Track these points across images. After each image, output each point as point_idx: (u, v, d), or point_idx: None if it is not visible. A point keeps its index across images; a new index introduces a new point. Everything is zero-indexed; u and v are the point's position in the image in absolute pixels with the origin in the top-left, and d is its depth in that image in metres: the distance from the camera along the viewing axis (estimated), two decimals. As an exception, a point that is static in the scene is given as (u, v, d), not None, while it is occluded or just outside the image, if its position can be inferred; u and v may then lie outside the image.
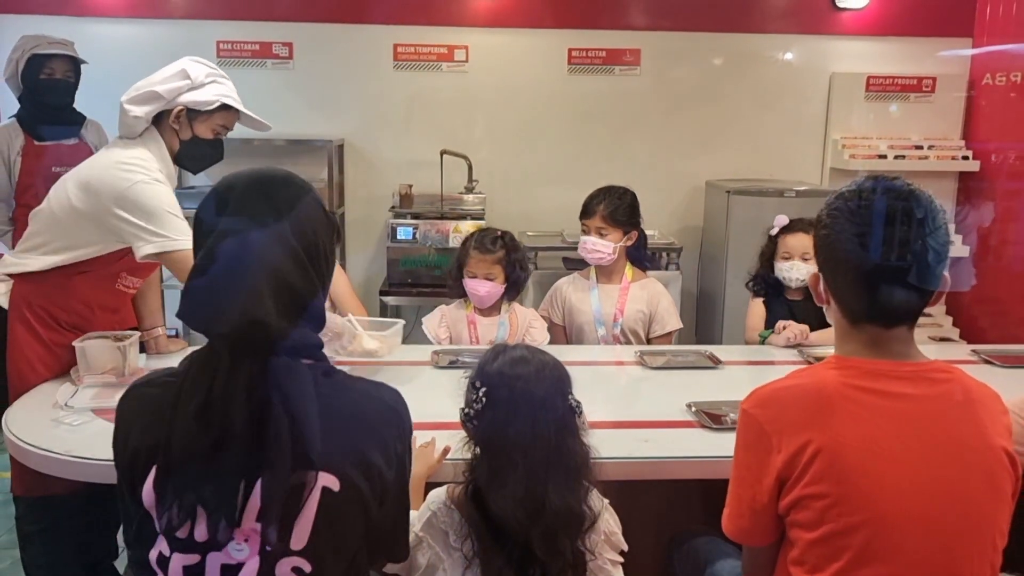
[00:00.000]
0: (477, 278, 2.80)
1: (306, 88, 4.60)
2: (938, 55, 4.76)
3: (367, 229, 4.74)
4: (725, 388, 2.34)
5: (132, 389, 1.30)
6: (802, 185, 4.42)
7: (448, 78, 4.63)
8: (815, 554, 1.36)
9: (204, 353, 1.21)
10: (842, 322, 1.46)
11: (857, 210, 1.39)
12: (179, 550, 1.19)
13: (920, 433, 1.36)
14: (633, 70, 4.68)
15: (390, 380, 2.25)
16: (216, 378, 1.17)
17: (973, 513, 1.36)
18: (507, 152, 4.70)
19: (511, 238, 2.90)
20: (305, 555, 1.21)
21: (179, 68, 2.24)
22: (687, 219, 4.73)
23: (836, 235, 1.40)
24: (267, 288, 1.18)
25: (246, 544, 1.18)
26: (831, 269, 1.44)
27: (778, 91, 4.75)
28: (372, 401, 1.32)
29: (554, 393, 1.49)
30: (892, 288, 1.38)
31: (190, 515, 1.17)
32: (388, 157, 4.69)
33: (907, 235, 1.37)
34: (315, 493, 1.20)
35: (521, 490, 1.42)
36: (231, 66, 4.53)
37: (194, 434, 1.16)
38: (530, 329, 2.90)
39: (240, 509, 1.17)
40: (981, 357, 2.67)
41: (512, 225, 4.52)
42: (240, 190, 1.28)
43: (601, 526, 1.54)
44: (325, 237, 1.31)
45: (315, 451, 1.19)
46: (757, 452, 1.41)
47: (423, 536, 1.52)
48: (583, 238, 3.03)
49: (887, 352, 1.42)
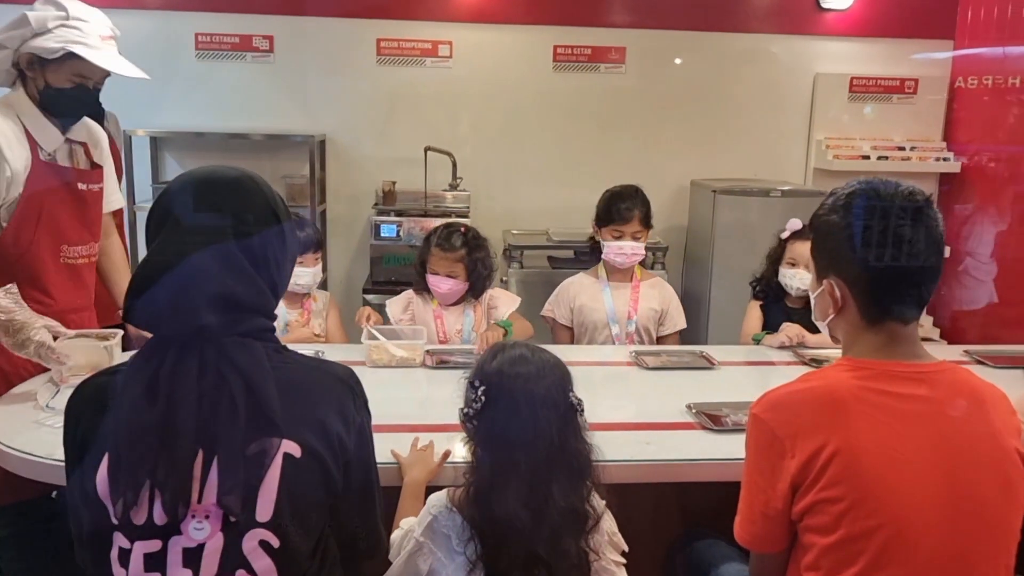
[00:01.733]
0: (439, 275, 2.77)
1: (287, 82, 4.51)
2: (919, 57, 4.78)
3: (349, 227, 4.67)
4: (723, 389, 2.33)
5: (79, 385, 1.30)
6: (786, 185, 4.42)
7: (432, 74, 4.57)
8: (830, 559, 1.33)
9: (152, 341, 1.23)
10: (858, 324, 1.44)
11: (879, 209, 1.39)
12: (140, 538, 1.17)
13: (934, 435, 1.34)
14: (618, 68, 4.65)
15: (383, 382, 2.27)
16: (165, 358, 1.18)
17: (988, 516, 1.35)
18: (492, 149, 4.65)
19: (475, 235, 2.84)
20: (271, 527, 1.19)
21: (20, 15, 2.13)
22: (672, 219, 4.71)
23: (858, 235, 1.39)
24: (206, 297, 1.19)
25: (206, 521, 1.17)
26: (851, 270, 1.42)
27: (763, 91, 4.74)
28: (325, 373, 1.33)
29: (555, 391, 1.46)
30: (914, 282, 1.39)
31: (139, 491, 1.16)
32: (371, 153, 4.61)
33: (925, 230, 1.38)
34: (277, 460, 1.20)
35: (524, 490, 1.40)
36: (210, 59, 4.45)
37: (142, 410, 1.17)
38: (492, 310, 2.87)
39: (201, 484, 1.16)
40: (973, 357, 2.67)
41: (497, 223, 4.52)
42: (190, 189, 1.27)
43: (604, 526, 1.51)
44: (273, 239, 1.30)
45: (276, 415, 1.19)
46: (770, 457, 1.38)
47: (424, 541, 1.48)
48: (617, 244, 2.96)
49: (899, 352, 1.41)
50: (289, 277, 1.39)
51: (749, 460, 1.43)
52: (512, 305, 2.89)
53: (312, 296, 3.00)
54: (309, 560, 1.27)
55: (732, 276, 4.00)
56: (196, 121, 4.41)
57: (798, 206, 3.92)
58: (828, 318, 1.49)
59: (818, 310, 1.53)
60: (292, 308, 2.92)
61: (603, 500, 1.53)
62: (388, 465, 1.73)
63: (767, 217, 3.94)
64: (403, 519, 1.59)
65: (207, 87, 4.47)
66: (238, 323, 1.23)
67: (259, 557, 1.20)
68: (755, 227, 4.05)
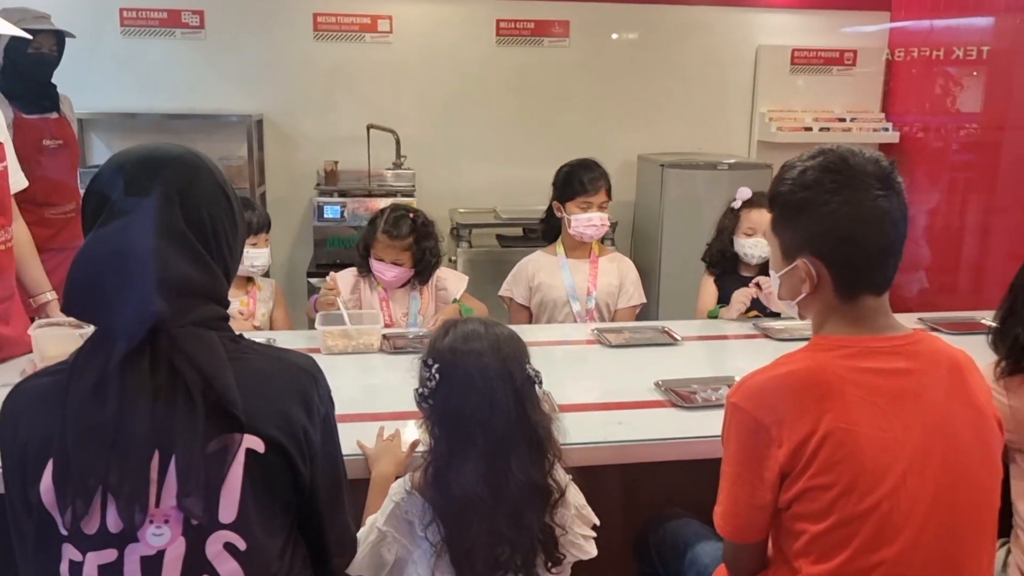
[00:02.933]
0: (384, 262, 2.68)
1: (220, 60, 4.33)
2: (854, 30, 4.83)
3: (290, 209, 4.52)
4: (688, 364, 2.31)
5: (17, 385, 1.20)
6: (732, 158, 4.44)
7: (372, 49, 4.44)
8: (822, 544, 1.30)
9: (96, 335, 1.13)
10: (832, 301, 1.38)
11: (854, 181, 1.33)
12: (93, 548, 1.10)
13: (921, 411, 1.32)
14: (562, 42, 4.59)
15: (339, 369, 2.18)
16: (111, 354, 1.09)
17: (975, 486, 1.34)
18: (436, 126, 4.55)
19: (423, 221, 2.74)
20: (236, 529, 1.13)
21: None
22: (619, 194, 4.60)
23: (831, 208, 1.33)
24: (153, 280, 1.11)
25: (166, 526, 1.10)
26: (829, 247, 1.36)
27: (706, 64, 4.74)
28: (286, 363, 1.25)
29: (511, 363, 1.41)
30: (892, 252, 1.35)
31: (91, 499, 1.07)
32: (311, 133, 4.47)
33: (898, 197, 1.35)
34: (239, 457, 1.12)
35: (483, 466, 1.36)
36: (137, 36, 4.25)
37: (91, 411, 1.08)
38: (440, 291, 2.80)
39: (158, 487, 1.09)
40: (928, 325, 2.70)
41: (443, 202, 4.44)
42: (129, 170, 1.18)
43: (570, 499, 1.48)
44: (224, 219, 1.22)
45: (236, 409, 1.11)
46: (755, 447, 1.32)
47: (387, 531, 1.43)
48: (587, 216, 2.91)
49: (873, 326, 1.37)
50: (239, 260, 1.32)
51: (731, 451, 1.37)
52: (461, 284, 2.83)
53: (257, 284, 2.88)
54: (278, 561, 1.20)
55: (681, 250, 4.00)
56: (124, 102, 4.21)
57: (745, 178, 3.92)
58: (799, 297, 1.42)
59: (785, 289, 1.45)
60: (236, 296, 2.79)
61: (568, 474, 1.49)
62: (354, 456, 1.65)
63: (714, 190, 3.95)
64: (370, 516, 1.52)
65: (134, 66, 4.26)
66: (190, 311, 1.15)
67: (224, 561, 1.13)
68: (703, 200, 4.05)
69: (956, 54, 4.40)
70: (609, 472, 1.91)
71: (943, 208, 4.54)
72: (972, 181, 4.41)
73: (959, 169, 4.48)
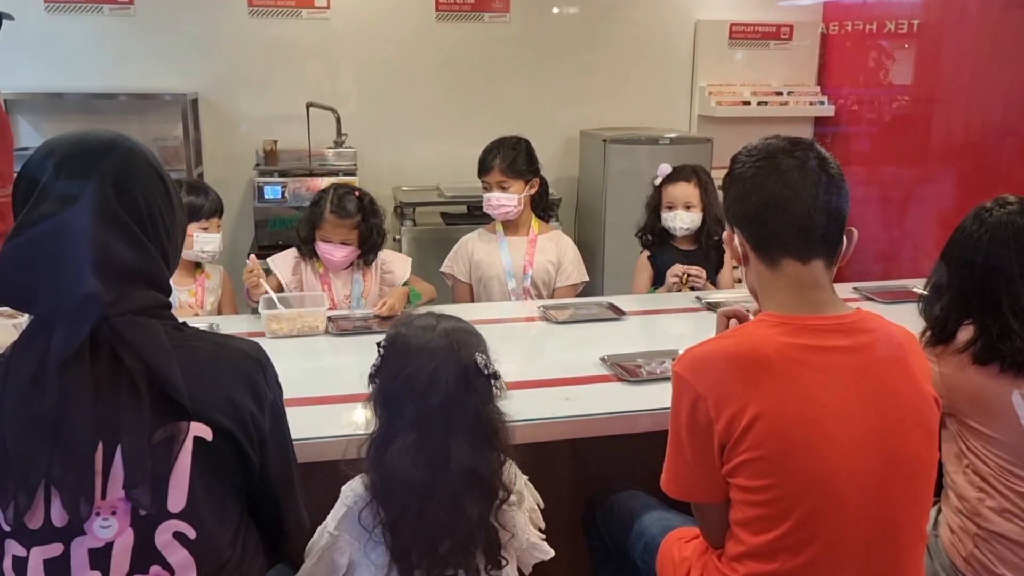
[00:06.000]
0: (332, 243, 2.65)
1: (151, 37, 4.19)
2: (791, 3, 4.90)
3: (229, 190, 4.40)
4: (633, 339, 2.34)
5: None
6: (673, 132, 4.48)
7: (309, 26, 4.35)
8: (759, 516, 1.33)
9: (32, 324, 1.12)
10: (763, 273, 1.42)
11: (766, 155, 1.41)
12: (37, 543, 1.08)
13: (860, 387, 1.35)
14: (502, 17, 4.56)
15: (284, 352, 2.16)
16: (50, 344, 1.07)
17: (913, 462, 1.37)
18: (376, 104, 4.49)
19: (370, 200, 2.72)
20: (186, 517, 1.12)
21: None
22: (562, 170, 4.70)
23: (746, 179, 1.42)
24: (90, 263, 1.09)
25: (113, 518, 1.09)
26: (740, 210, 1.43)
27: (646, 39, 4.76)
28: (231, 349, 1.25)
29: (459, 348, 1.39)
30: (803, 218, 1.37)
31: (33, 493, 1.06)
32: (248, 112, 4.37)
33: (798, 164, 1.39)
34: (187, 445, 1.12)
35: (413, 441, 1.34)
36: (62, 12, 4.09)
37: (30, 403, 1.06)
38: (386, 274, 2.78)
39: (104, 478, 1.08)
40: (863, 295, 2.78)
41: (385, 180, 4.39)
42: (61, 155, 1.16)
43: (525, 504, 1.48)
44: (160, 201, 1.21)
45: (183, 398, 1.11)
46: (695, 415, 1.36)
47: (337, 534, 1.40)
48: (486, 195, 2.93)
49: (816, 304, 1.39)
50: (181, 247, 1.30)
51: (675, 416, 1.41)
52: (407, 267, 2.80)
53: (206, 272, 2.82)
54: (229, 548, 1.20)
55: (625, 225, 3.99)
56: (51, 82, 4.06)
57: (686, 152, 3.98)
58: (739, 268, 1.52)
59: (736, 261, 1.54)
60: (184, 285, 2.72)
61: (524, 476, 1.49)
62: (303, 441, 1.64)
63: (657, 164, 3.93)
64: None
65: (60, 44, 4.11)
66: (129, 298, 1.13)
67: (175, 550, 1.12)
68: (645, 175, 4.03)
69: (888, 28, 4.50)
70: (557, 448, 1.92)
71: (876, 178, 4.65)
72: (904, 151, 4.52)
73: (892, 140, 4.59)
